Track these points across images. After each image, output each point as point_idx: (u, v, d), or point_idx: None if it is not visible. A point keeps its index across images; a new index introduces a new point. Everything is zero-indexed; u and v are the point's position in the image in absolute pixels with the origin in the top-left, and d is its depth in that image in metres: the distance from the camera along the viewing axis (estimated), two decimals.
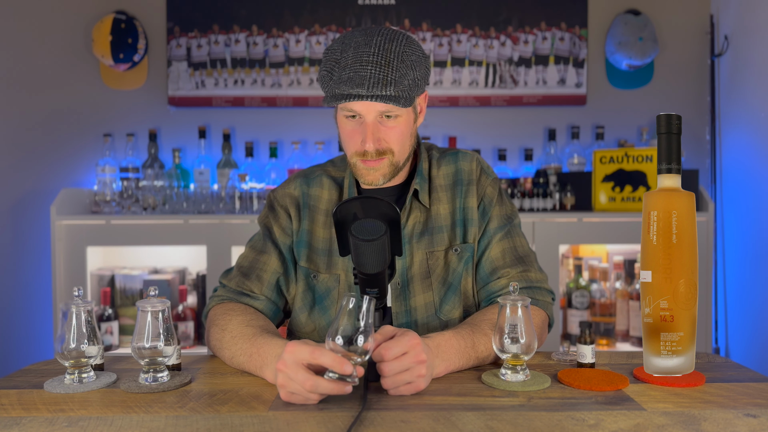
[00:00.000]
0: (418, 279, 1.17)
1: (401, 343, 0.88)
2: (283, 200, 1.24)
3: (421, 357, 0.88)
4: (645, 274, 0.94)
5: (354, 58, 1.05)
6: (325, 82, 1.08)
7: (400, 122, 1.10)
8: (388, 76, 1.04)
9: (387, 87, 1.03)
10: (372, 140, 1.08)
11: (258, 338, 0.99)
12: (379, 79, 1.03)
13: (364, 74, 1.03)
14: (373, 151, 1.09)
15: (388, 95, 1.04)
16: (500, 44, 2.58)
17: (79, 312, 0.93)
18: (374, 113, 1.08)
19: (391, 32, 1.09)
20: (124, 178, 2.41)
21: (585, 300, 2.28)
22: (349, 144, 1.12)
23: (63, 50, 2.57)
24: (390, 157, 1.11)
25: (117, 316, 2.31)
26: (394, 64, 1.05)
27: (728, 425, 0.77)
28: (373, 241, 0.92)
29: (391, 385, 0.88)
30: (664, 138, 0.95)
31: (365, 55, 1.04)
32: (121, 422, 0.79)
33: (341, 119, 1.12)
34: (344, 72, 1.05)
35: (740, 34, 2.42)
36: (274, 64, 2.58)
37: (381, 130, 1.09)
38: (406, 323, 1.16)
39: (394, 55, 1.05)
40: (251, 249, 1.22)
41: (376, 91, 1.03)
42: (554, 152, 2.54)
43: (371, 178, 1.13)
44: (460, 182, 1.20)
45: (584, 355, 1.00)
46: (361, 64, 1.04)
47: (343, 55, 1.06)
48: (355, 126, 1.10)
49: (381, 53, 1.04)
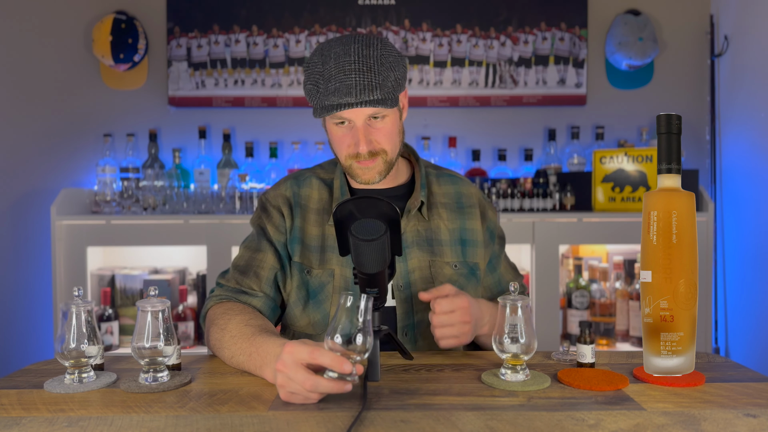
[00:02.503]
0: (421, 282, 1.20)
1: (452, 302, 1.05)
2: (275, 201, 1.26)
3: (466, 318, 1.05)
4: (645, 274, 0.94)
5: (337, 69, 1.09)
6: (312, 96, 1.13)
7: (388, 122, 1.15)
8: (373, 81, 1.08)
9: (373, 92, 1.08)
10: (365, 143, 1.13)
11: (257, 337, 0.99)
12: (365, 85, 1.08)
13: (350, 83, 1.08)
14: (366, 153, 1.13)
15: (376, 99, 1.09)
16: (500, 44, 2.58)
17: (79, 312, 0.93)
18: (363, 117, 1.12)
19: (366, 38, 1.13)
20: (125, 178, 2.41)
21: (585, 300, 2.28)
22: (341, 148, 1.17)
23: (63, 50, 2.57)
24: (383, 156, 1.16)
25: (117, 316, 2.31)
26: (375, 69, 1.09)
27: (728, 425, 0.77)
28: (373, 241, 0.92)
29: (438, 336, 1.05)
30: (664, 138, 0.95)
31: (347, 64, 1.08)
32: (121, 422, 0.79)
33: (330, 126, 1.17)
34: (330, 84, 1.09)
35: (740, 34, 2.42)
36: (274, 64, 2.58)
37: (371, 132, 1.14)
38: (409, 324, 1.19)
39: (373, 60, 1.09)
40: (246, 249, 1.24)
41: (363, 97, 1.08)
42: (554, 152, 2.54)
43: (368, 176, 1.17)
44: (462, 205, 1.28)
45: (584, 355, 1.00)
46: (345, 74, 1.08)
47: (325, 67, 1.10)
48: (345, 131, 1.15)
49: (362, 60, 1.09)
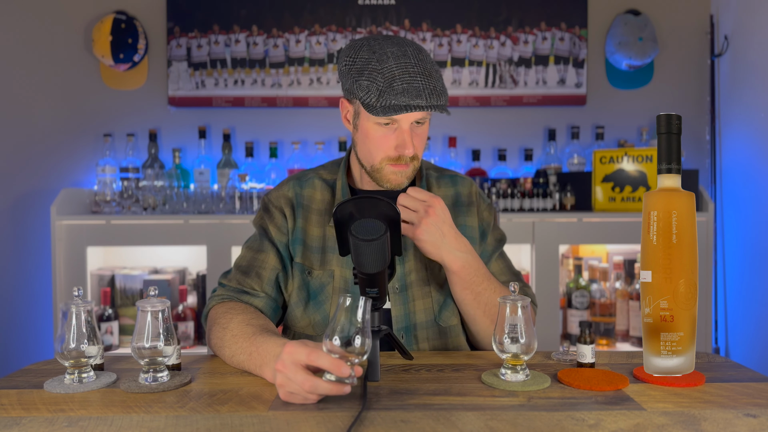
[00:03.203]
0: (418, 285, 1.20)
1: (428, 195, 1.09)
2: (277, 201, 1.26)
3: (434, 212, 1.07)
4: (645, 274, 0.94)
5: (399, 69, 1.08)
6: (368, 93, 1.09)
7: (425, 128, 1.17)
8: (437, 87, 1.10)
9: (440, 97, 1.10)
10: (411, 146, 1.12)
11: (257, 337, 0.99)
12: (432, 90, 1.09)
13: (418, 86, 1.08)
14: (410, 156, 1.13)
15: (441, 105, 1.11)
16: (500, 44, 2.58)
17: (79, 312, 0.93)
18: (412, 120, 1.12)
19: (410, 42, 1.14)
20: (124, 178, 2.41)
21: (585, 300, 2.28)
22: (379, 149, 1.14)
23: (63, 50, 2.57)
24: (416, 161, 1.17)
25: (117, 316, 2.31)
26: (436, 75, 1.11)
27: (728, 425, 0.77)
28: (373, 241, 0.92)
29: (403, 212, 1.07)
30: (664, 138, 0.95)
31: (410, 66, 1.09)
32: (121, 422, 0.79)
33: (370, 126, 1.14)
34: (395, 83, 1.07)
35: (740, 34, 2.42)
36: (274, 64, 2.58)
37: (414, 137, 1.14)
38: (405, 327, 1.19)
39: (430, 65, 1.11)
40: (248, 249, 1.24)
41: (432, 101, 1.09)
42: (554, 152, 2.54)
43: (399, 180, 1.17)
44: (460, 204, 1.28)
45: (584, 355, 1.00)
46: (411, 75, 1.08)
47: (384, 65, 1.08)
48: (388, 132, 1.13)
49: (421, 64, 1.10)
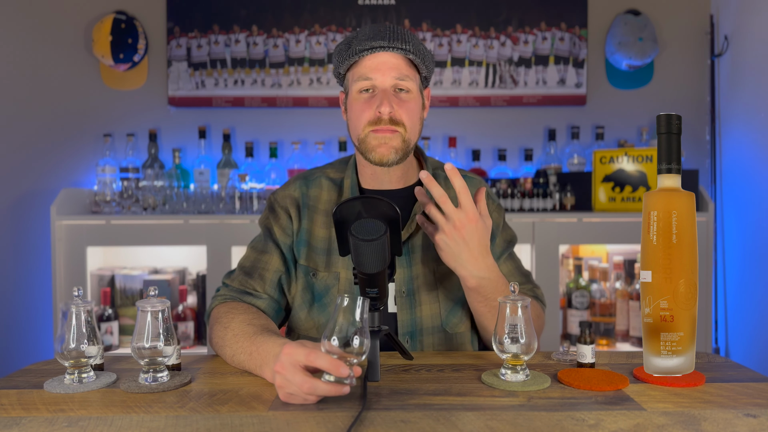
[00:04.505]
0: (425, 290, 1.19)
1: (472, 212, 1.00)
2: (283, 201, 1.25)
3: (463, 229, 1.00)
4: (645, 274, 0.94)
5: (371, 29, 1.14)
6: (342, 54, 1.14)
7: (411, 98, 1.15)
8: (406, 36, 1.13)
9: (406, 43, 1.12)
10: (387, 104, 1.11)
11: (258, 337, 0.99)
12: (397, 34, 1.12)
13: (384, 31, 1.12)
14: (387, 117, 1.11)
15: (407, 49, 1.12)
16: (500, 44, 2.58)
17: (79, 312, 0.93)
18: (390, 81, 1.12)
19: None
20: (124, 178, 2.40)
21: (585, 300, 2.28)
22: (361, 117, 1.14)
23: (63, 50, 2.57)
24: (402, 131, 1.13)
25: (117, 316, 2.31)
26: (409, 35, 1.15)
27: (728, 425, 0.77)
28: (373, 241, 0.92)
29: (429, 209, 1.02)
30: (664, 138, 0.95)
31: (381, 26, 1.15)
32: (121, 422, 0.79)
33: (354, 97, 1.15)
34: (362, 34, 1.13)
35: (740, 34, 2.42)
36: (274, 64, 2.58)
37: (394, 100, 1.13)
38: (411, 332, 1.18)
39: (407, 32, 1.16)
40: (252, 249, 1.24)
41: (396, 44, 1.11)
42: (554, 152, 2.54)
43: (383, 150, 1.13)
44: None
45: (584, 355, 1.00)
46: (379, 29, 1.13)
47: (359, 32, 1.15)
48: (368, 98, 1.14)
49: (393, 26, 1.16)
